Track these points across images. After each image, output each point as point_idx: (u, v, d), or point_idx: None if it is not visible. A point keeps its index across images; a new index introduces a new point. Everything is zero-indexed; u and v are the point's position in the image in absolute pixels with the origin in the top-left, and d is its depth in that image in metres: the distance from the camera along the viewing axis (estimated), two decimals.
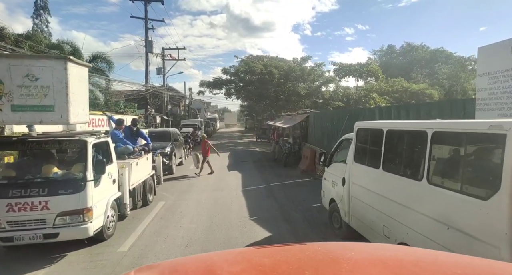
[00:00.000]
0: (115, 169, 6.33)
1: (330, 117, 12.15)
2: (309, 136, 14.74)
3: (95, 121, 6.76)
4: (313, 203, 8.15)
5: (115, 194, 6.22)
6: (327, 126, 12.41)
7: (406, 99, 32.72)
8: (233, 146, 26.57)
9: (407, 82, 35.96)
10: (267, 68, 26.77)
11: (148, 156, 8.37)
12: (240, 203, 8.50)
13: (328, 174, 6.21)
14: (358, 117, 9.11)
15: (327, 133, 12.08)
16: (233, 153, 20.83)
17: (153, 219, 7.12)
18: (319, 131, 13.29)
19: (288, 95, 27.05)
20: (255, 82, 26.47)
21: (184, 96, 42.76)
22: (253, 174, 12.83)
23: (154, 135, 13.84)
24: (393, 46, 49.78)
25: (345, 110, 15.29)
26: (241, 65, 27.75)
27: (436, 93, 29.78)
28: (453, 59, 46.61)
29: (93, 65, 22.61)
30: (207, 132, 38.05)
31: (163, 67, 34.43)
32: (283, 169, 13.96)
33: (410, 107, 7.57)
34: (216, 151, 13.73)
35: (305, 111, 16.75)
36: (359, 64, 30.18)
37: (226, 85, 29.19)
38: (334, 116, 11.66)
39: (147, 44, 22.90)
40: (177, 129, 16.48)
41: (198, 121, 29.26)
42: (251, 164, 15.90)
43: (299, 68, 26.44)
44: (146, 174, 8.13)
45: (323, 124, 12.84)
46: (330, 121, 11.96)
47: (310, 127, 14.73)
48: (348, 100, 29.00)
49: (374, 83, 30.80)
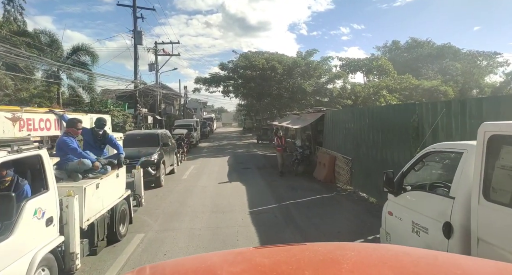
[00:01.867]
0: (53, 201, 3.91)
1: (357, 115, 9.78)
2: (326, 139, 12.38)
3: (33, 122, 4.34)
4: (353, 236, 5.78)
5: (51, 241, 3.80)
6: (351, 127, 10.04)
7: (417, 97, 30.50)
8: (232, 148, 24.15)
9: (416, 79, 33.79)
10: (269, 63, 24.38)
11: (120, 171, 5.95)
12: (250, 235, 6.10)
13: (400, 208, 3.82)
14: (406, 115, 6.74)
15: (352, 135, 9.71)
16: (233, 157, 18.42)
17: (121, 270, 4.71)
18: (340, 133, 10.93)
19: (292, 92, 24.67)
20: (256, 78, 24.06)
21: (179, 95, 40.22)
22: (261, 187, 10.43)
23: (139, 138, 11.43)
24: (397, 41, 47.63)
25: (384, 107, 12.81)
26: (240, 60, 25.31)
27: (451, 90, 27.54)
28: (462, 55, 44.55)
29: (75, 58, 20.20)
30: (204, 133, 35.70)
31: (155, 63, 31.88)
32: (295, 179, 11.57)
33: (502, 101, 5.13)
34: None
35: (319, 109, 14.37)
36: (368, 59, 27.84)
37: (224, 82, 26.74)
38: (363, 115, 9.30)
39: (136, 34, 20.41)
40: (167, 131, 14.05)
41: (193, 121, 26.79)
42: (256, 171, 13.49)
43: (305, 62, 24.03)
44: (115, 197, 5.70)
45: (346, 124, 10.48)
46: (357, 120, 9.60)
47: (326, 128, 12.38)
48: (356, 98, 26.68)
49: (377, 80, 28.53)
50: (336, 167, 10.87)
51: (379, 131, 8.02)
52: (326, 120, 12.47)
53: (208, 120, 46.70)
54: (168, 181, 11.20)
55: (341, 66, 27.97)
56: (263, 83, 24.05)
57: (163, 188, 10.29)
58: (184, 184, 10.92)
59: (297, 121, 15.55)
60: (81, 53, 20.63)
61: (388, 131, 7.54)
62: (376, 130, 8.20)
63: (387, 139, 7.56)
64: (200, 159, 17.89)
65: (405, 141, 6.65)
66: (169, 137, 13.48)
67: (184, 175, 12.61)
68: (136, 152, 10.17)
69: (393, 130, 7.31)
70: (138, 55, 20.91)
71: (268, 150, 22.53)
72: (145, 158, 10.00)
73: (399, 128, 6.99)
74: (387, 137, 7.59)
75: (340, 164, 10.55)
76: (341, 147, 10.59)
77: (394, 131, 7.26)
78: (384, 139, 7.73)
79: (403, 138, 6.75)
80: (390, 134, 7.47)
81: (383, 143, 7.73)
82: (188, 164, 15.57)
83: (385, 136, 7.70)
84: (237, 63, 24.82)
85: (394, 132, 7.28)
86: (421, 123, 6.22)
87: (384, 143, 7.70)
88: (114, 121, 19.29)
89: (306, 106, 24.71)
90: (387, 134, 7.61)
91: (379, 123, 8.09)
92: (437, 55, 44.69)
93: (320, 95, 23.93)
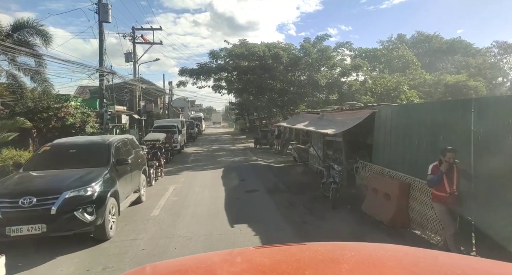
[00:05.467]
0: None
1: (458, 113, 5.36)
2: (379, 150, 7.92)
3: None
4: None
5: None
6: (437, 132, 5.63)
7: (438, 94, 26.48)
8: (225, 155, 19.48)
9: (429, 74, 29.88)
10: (272, 51, 19.81)
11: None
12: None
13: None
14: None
15: (439, 144, 5.22)
16: (229, 170, 13.80)
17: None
18: (413, 143, 6.50)
19: (298, 86, 20.16)
20: (256, 68, 19.46)
21: (163, 91, 35.25)
22: (289, 237, 5.86)
23: (73, 153, 6.76)
24: (403, 35, 43.69)
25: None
26: (236, 47, 20.65)
27: (482, 85, 23.60)
28: (474, 50, 41.05)
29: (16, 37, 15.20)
30: (191, 135, 30.83)
31: (133, 53, 26.90)
32: (335, 216, 7.08)
33: None
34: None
35: (365, 106, 9.91)
36: (386, 49, 23.57)
37: (216, 74, 22.04)
38: (467, 108, 4.91)
39: (100, 8, 15.52)
40: (133, 136, 9.31)
41: (177, 122, 21.94)
42: (267, 198, 8.91)
43: (318, 48, 19.51)
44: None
45: (421, 129, 6.10)
46: (455, 122, 5.21)
47: (378, 133, 7.95)
48: (372, 93, 22.36)
49: (398, 74, 24.33)
50: (411, 200, 6.41)
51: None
52: (378, 121, 8.01)
53: (196, 119, 41.77)
54: (123, 227, 6.52)
55: (352, 57, 23.58)
56: (264, 75, 19.45)
57: (109, 247, 5.59)
58: (152, 232, 6.25)
59: (320, 122, 11.05)
60: (28, 32, 15.65)
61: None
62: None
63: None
64: (184, 173, 13.20)
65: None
66: (134, 146, 8.76)
67: (155, 208, 7.92)
68: (56, 180, 5.51)
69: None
70: (104, 37, 16.03)
71: (271, 157, 17.99)
72: (73, 192, 5.30)
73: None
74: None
75: (421, 198, 6.11)
76: (419, 166, 6.13)
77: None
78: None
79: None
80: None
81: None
82: (166, 183, 10.89)
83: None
84: (232, 50, 20.14)
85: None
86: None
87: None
88: (68, 121, 14.48)
89: (317, 103, 20.28)
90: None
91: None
92: (447, 50, 41.07)
93: (333, 89, 19.46)
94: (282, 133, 20.83)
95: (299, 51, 20.06)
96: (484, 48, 40.32)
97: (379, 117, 7.97)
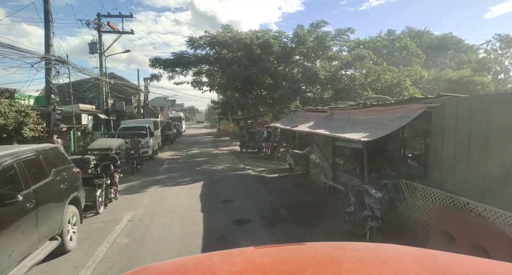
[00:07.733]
0: None
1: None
2: (437, 166, 5.14)
3: None
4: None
5: None
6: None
7: (439, 91, 24.36)
8: (206, 162, 16.38)
9: (424, 70, 27.85)
10: (260, 39, 16.90)
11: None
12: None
13: None
14: None
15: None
16: (211, 185, 10.74)
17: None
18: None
19: (292, 81, 17.33)
20: (242, 58, 16.47)
21: (137, 88, 31.65)
22: None
23: None
24: (393, 31, 41.57)
25: None
26: (219, 34, 17.56)
27: (489, 81, 21.60)
28: (466, 46, 39.64)
29: None
30: (168, 137, 27.48)
31: (99, 43, 23.30)
32: None
33: None
34: None
35: (410, 98, 7.13)
36: (386, 39, 21.13)
37: (195, 66, 18.89)
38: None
39: None
40: (59, 146, 6.16)
41: (149, 122, 18.60)
42: (264, 234, 5.92)
43: (315, 35, 16.69)
44: None
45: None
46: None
47: (441, 140, 5.16)
48: (371, 89, 19.79)
49: (402, 67, 21.97)
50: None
51: None
52: (442, 120, 5.20)
53: (175, 120, 38.29)
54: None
55: (351, 48, 20.89)
56: (251, 67, 16.49)
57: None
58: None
59: (333, 123, 8.19)
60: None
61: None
62: None
63: None
64: (150, 190, 10.07)
65: None
66: (56, 164, 5.58)
67: (84, 267, 4.82)
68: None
69: None
70: (51, 13, 12.62)
71: (261, 164, 15.08)
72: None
73: None
74: None
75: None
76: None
77: None
78: None
79: None
80: None
81: None
82: (121, 209, 7.74)
83: None
84: (214, 37, 17.03)
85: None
86: None
87: None
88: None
89: (313, 101, 17.51)
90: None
91: None
92: (439, 46, 39.41)
93: (333, 83, 16.70)
94: (272, 135, 17.98)
95: (292, 40, 17.19)
96: (485, 42, 38.96)
97: (441, 114, 5.16)
